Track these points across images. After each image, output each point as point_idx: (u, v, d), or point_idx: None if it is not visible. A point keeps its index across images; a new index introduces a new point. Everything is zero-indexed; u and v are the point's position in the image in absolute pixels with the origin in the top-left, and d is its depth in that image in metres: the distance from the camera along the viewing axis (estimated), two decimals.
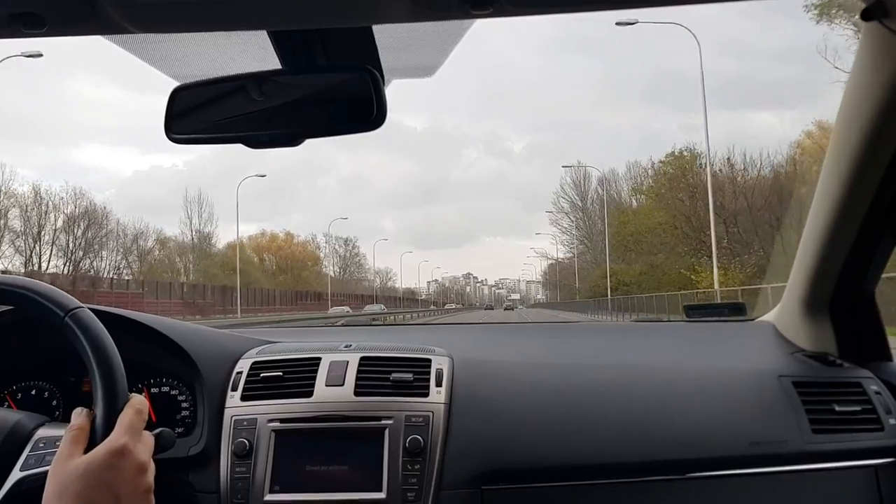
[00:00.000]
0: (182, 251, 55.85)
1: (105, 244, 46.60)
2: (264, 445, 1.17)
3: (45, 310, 0.92)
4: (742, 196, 35.28)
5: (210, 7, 0.73)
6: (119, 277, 45.40)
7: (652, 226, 40.91)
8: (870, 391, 1.30)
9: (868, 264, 1.35)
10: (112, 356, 0.90)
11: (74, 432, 0.83)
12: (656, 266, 39.57)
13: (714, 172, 36.17)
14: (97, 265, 45.76)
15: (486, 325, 1.84)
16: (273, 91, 1.00)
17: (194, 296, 45.11)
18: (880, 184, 1.19)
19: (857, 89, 1.12)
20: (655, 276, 38.58)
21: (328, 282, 72.23)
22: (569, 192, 61.57)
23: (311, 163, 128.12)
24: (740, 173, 37.70)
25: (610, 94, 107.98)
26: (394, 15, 0.76)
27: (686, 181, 38.90)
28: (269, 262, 71.83)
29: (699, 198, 34.40)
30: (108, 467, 0.79)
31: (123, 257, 48.70)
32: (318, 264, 73.34)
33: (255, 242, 72.47)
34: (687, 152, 41.43)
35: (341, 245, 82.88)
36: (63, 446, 0.82)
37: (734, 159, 37.99)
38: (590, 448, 1.20)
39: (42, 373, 1.34)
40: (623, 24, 30.36)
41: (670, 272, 36.35)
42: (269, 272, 70.10)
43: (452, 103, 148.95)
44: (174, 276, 52.00)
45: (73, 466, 0.79)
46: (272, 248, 73.01)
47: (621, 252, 45.09)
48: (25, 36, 0.75)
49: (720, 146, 53.20)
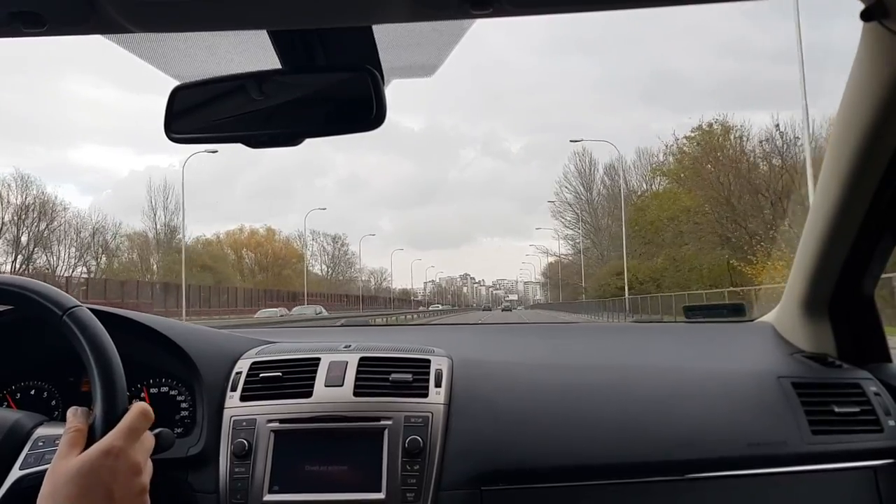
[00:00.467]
0: (149, 247, 52.75)
1: (62, 238, 44.22)
2: (263, 446, 1.16)
3: (44, 309, 0.92)
4: (788, 173, 29.10)
5: (210, 6, 0.73)
6: (72, 276, 42.28)
7: (674, 213, 34.99)
8: (869, 392, 1.30)
9: (867, 265, 1.35)
10: (110, 355, 0.90)
11: (72, 434, 0.83)
12: (681, 260, 34.13)
13: (752, 148, 32.11)
14: (52, 261, 43.26)
15: (486, 326, 1.84)
16: (273, 91, 1.00)
17: (135, 294, 40.98)
18: (879, 184, 1.19)
19: (856, 90, 1.12)
20: (680, 271, 33.49)
21: (312, 281, 67.93)
22: (572, 182, 56.75)
23: (309, 163, 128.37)
24: (788, 147, 30.71)
25: (608, 94, 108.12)
26: (394, 14, 0.76)
27: (715, 156, 33.24)
28: (248, 260, 69.22)
29: (740, 176, 30.02)
30: (102, 468, 0.79)
31: (81, 255, 46.08)
32: (300, 262, 69.86)
33: (232, 238, 69.13)
34: (717, 125, 35.42)
35: (329, 242, 79.73)
36: (60, 448, 0.82)
37: (784, 129, 31.05)
38: (589, 449, 1.20)
39: (41, 372, 1.34)
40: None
41: (701, 266, 31.26)
42: (246, 270, 67.06)
43: (450, 103, 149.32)
44: (142, 275, 49.35)
45: (67, 467, 0.79)
46: (251, 245, 69.87)
47: (637, 245, 39.65)
48: (25, 35, 0.75)
49: None
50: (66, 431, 0.83)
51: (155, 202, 54.27)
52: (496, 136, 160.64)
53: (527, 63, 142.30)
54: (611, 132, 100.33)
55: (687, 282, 31.13)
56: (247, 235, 70.24)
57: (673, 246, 35.46)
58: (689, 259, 33.23)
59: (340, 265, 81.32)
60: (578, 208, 56.16)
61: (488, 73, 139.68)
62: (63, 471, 0.79)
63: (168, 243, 52.94)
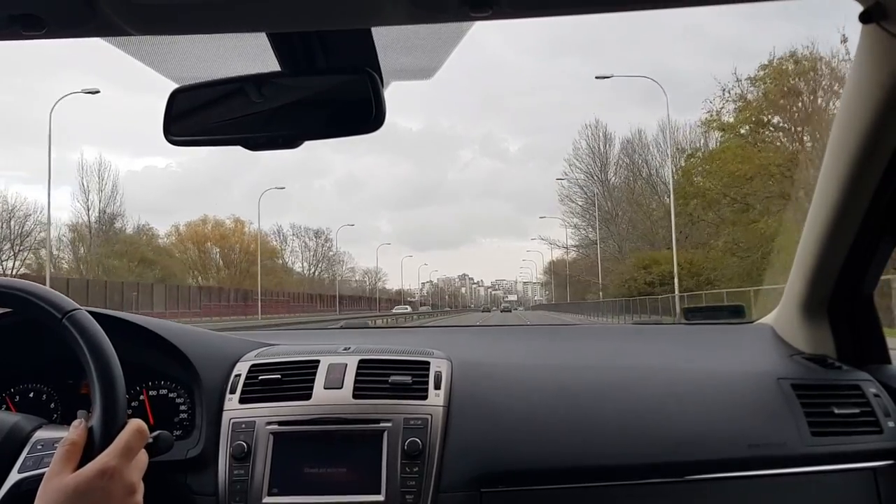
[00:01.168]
0: (80, 237, 44.87)
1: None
2: (262, 448, 1.16)
3: (43, 312, 0.92)
4: None
5: (209, 9, 0.73)
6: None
7: (734, 180, 25.94)
8: (868, 394, 1.30)
9: (867, 266, 1.35)
10: (109, 357, 0.90)
11: (67, 448, 0.81)
12: (750, 240, 24.95)
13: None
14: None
15: (485, 328, 1.84)
16: (272, 93, 0.99)
17: None
18: (878, 186, 1.19)
19: (855, 91, 1.12)
20: (749, 260, 24.39)
21: (294, 281, 61.16)
22: (584, 159, 47.79)
23: (307, 165, 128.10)
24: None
25: (607, 95, 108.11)
26: (393, 17, 0.76)
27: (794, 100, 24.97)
28: (214, 255, 60.26)
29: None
30: (96, 488, 0.78)
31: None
32: (275, 257, 62.71)
33: (192, 230, 59.87)
34: (805, 59, 26.29)
35: (311, 237, 72.34)
36: (54, 463, 0.80)
37: None
38: (589, 450, 1.20)
39: (41, 375, 1.34)
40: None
41: (779, 248, 21.18)
42: (210, 266, 59.21)
43: (448, 104, 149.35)
44: (72, 271, 42.68)
45: (62, 484, 0.78)
46: (214, 238, 60.42)
47: (683, 224, 29.72)
48: (25, 38, 0.75)
49: None
50: (61, 444, 0.82)
51: (87, 182, 46.04)
52: (494, 136, 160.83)
53: (525, 64, 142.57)
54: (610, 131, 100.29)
55: (754, 270, 23.01)
56: (210, 227, 61.53)
57: (736, 223, 26.44)
58: (757, 236, 24.31)
59: (324, 263, 75.12)
60: (591, 190, 47.44)
61: (486, 74, 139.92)
62: (57, 487, 0.78)
63: (105, 233, 45.96)
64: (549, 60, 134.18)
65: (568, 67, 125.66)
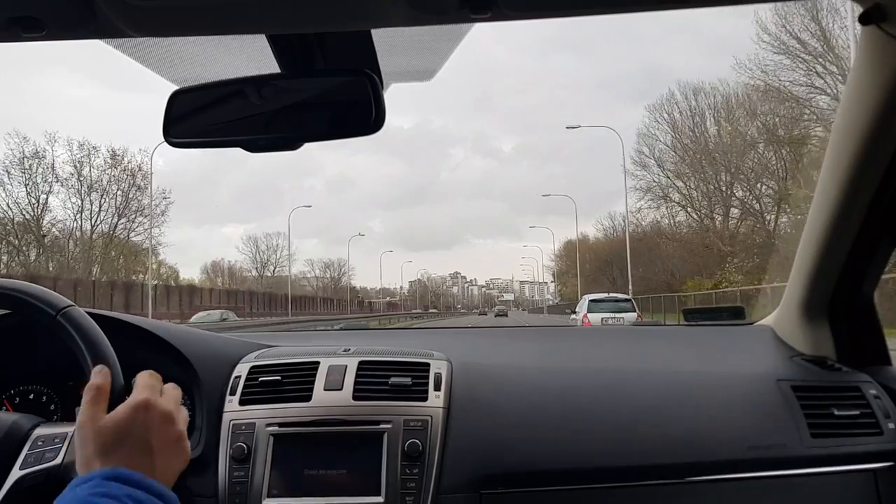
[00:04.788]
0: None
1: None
2: (262, 450, 1.16)
3: (37, 310, 0.93)
4: None
5: (209, 11, 0.73)
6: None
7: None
8: (868, 395, 1.30)
9: (867, 267, 1.35)
10: (105, 349, 0.90)
11: (94, 393, 0.81)
12: None
13: None
14: None
15: (485, 330, 1.84)
16: (272, 95, 1.00)
17: None
18: (878, 187, 1.19)
19: (855, 92, 1.12)
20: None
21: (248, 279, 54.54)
22: (672, 114, 37.60)
23: (297, 164, 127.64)
24: None
25: (600, 94, 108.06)
26: (393, 19, 0.76)
27: None
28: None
29: None
30: (137, 422, 0.79)
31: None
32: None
33: None
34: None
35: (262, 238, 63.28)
36: (83, 411, 0.80)
37: None
38: (588, 452, 1.20)
39: (40, 377, 1.34)
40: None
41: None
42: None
43: (440, 102, 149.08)
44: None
45: (100, 426, 0.78)
46: None
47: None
48: (24, 40, 0.75)
49: None
50: (86, 391, 0.81)
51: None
52: (486, 135, 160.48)
53: (518, 62, 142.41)
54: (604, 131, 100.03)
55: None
56: None
57: None
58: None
59: (271, 264, 67.93)
60: (682, 132, 37.67)
61: (478, 72, 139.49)
62: (97, 429, 0.77)
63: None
64: (543, 58, 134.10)
65: (561, 65, 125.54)
